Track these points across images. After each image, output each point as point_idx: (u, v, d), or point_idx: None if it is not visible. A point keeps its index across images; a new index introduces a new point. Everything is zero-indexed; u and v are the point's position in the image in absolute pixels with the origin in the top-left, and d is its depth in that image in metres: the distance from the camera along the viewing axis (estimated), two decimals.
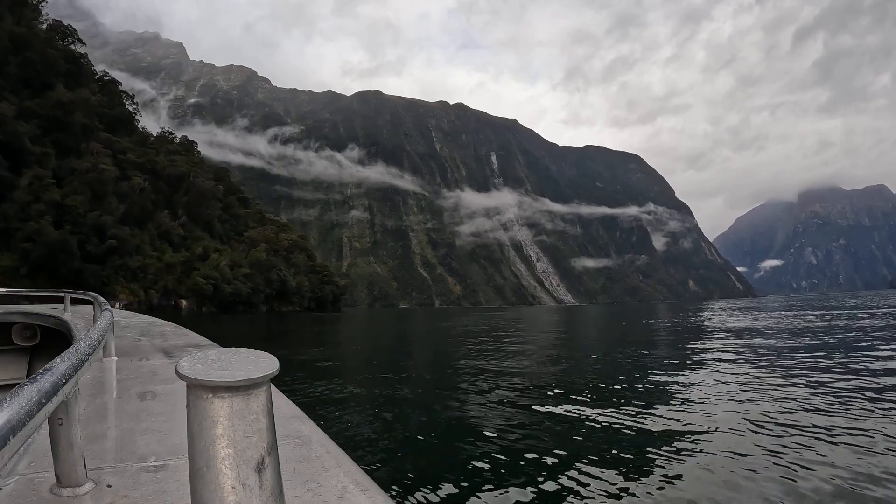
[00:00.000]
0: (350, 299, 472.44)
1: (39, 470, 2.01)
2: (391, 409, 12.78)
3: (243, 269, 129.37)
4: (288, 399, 3.10)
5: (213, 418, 1.03)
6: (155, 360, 4.65)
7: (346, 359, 26.06)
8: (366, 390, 15.55)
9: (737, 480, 7.06)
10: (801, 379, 15.11)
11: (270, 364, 1.12)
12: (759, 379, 15.41)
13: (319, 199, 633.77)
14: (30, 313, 8.42)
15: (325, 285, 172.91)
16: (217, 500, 1.02)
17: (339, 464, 2.08)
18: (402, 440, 9.99)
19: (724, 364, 19.04)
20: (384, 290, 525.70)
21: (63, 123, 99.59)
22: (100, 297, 7.16)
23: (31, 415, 1.15)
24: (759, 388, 13.84)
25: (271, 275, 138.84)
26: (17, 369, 8.45)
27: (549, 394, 13.99)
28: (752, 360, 19.96)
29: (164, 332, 7.25)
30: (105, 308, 5.35)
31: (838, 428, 9.52)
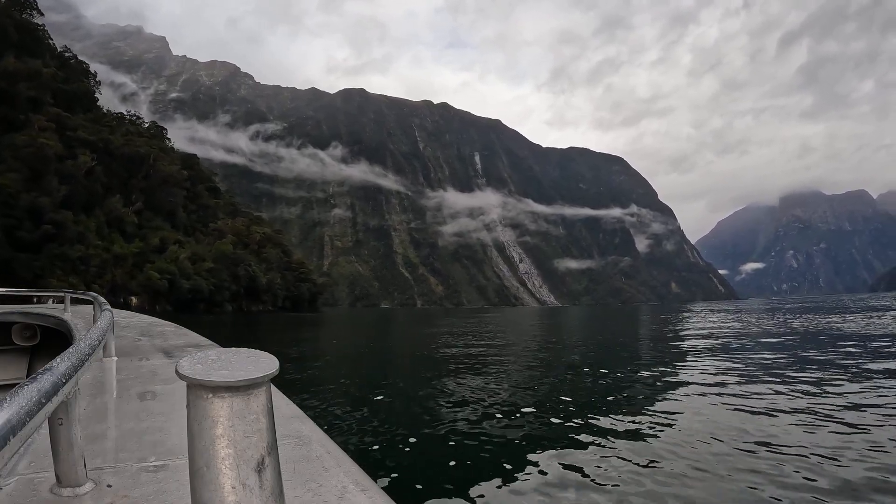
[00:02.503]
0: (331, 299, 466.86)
1: (39, 470, 2.00)
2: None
3: (207, 262, 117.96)
4: (288, 399, 3.10)
5: (213, 418, 1.03)
6: (155, 360, 4.64)
7: (307, 380, 17.93)
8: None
9: (713, 479, 7.11)
10: (780, 378, 15.31)
11: (270, 364, 1.12)
12: (740, 378, 15.47)
13: (301, 197, 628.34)
14: (30, 313, 8.45)
15: (302, 283, 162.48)
16: (217, 500, 1.02)
17: (339, 464, 2.08)
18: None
19: (711, 366, 18.78)
20: (366, 289, 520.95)
21: (5, 94, 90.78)
22: (100, 297, 7.07)
23: (31, 415, 1.15)
24: (740, 387, 14.01)
25: (238, 270, 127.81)
26: (17, 369, 8.48)
27: (541, 409, 12.41)
28: (733, 361, 19.94)
29: (164, 332, 7.26)
30: (105, 308, 5.34)
31: (825, 428, 9.60)
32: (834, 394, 12.71)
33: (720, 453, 8.13)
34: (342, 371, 20.67)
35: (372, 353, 29.76)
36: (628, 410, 11.50)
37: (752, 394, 12.78)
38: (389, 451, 8.86)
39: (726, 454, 8.06)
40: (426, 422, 11.02)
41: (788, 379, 14.95)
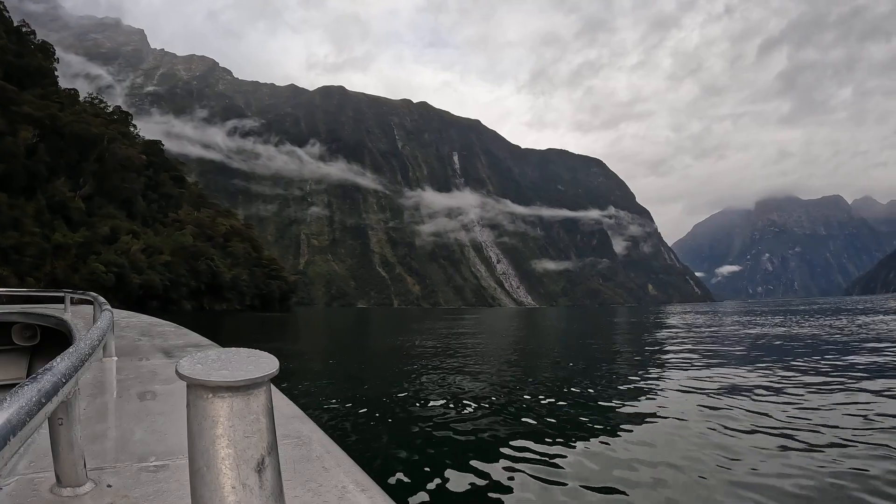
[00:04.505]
0: (307, 298, 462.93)
1: (39, 470, 2.00)
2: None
3: (163, 255, 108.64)
4: (288, 399, 3.09)
5: (213, 418, 1.03)
6: (155, 360, 4.64)
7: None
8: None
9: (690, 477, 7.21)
10: (760, 376, 15.92)
11: (271, 364, 1.12)
12: (715, 379, 15.73)
13: (278, 194, 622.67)
14: (30, 313, 8.46)
15: (272, 281, 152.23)
16: (217, 500, 1.02)
17: (339, 464, 2.08)
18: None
19: (687, 365, 19.28)
20: (342, 288, 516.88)
21: None
22: (100, 297, 7.03)
23: (32, 415, 1.15)
24: (717, 386, 14.40)
25: (199, 265, 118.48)
26: (17, 369, 8.51)
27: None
28: (711, 361, 20.29)
29: (164, 332, 7.24)
30: (105, 308, 5.33)
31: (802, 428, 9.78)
32: (807, 393, 13.08)
33: (691, 454, 8.18)
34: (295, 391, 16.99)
35: (336, 368, 23.26)
36: (607, 409, 11.78)
37: (727, 394, 13.08)
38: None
39: (697, 456, 8.09)
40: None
41: (762, 379, 15.35)
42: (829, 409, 11.12)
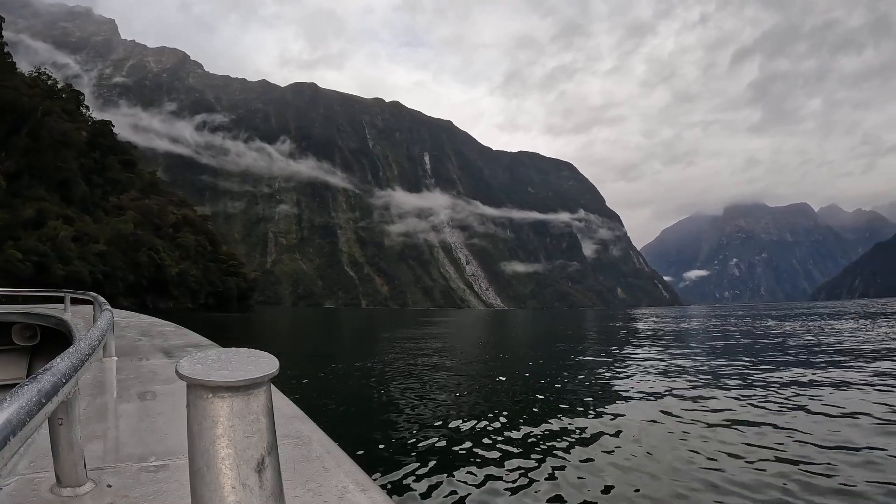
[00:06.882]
0: (273, 297, 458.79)
1: (39, 470, 2.00)
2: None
3: (98, 245, 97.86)
4: (288, 399, 3.09)
5: (214, 418, 1.03)
6: (155, 360, 4.64)
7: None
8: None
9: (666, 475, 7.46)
10: (722, 377, 16.97)
11: (271, 364, 1.12)
12: (683, 381, 16.49)
13: (247, 191, 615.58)
14: (30, 313, 8.49)
15: (229, 278, 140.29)
16: (217, 500, 1.02)
17: (339, 464, 2.08)
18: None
19: (655, 369, 19.90)
20: (309, 288, 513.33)
21: None
22: (100, 297, 7.07)
23: (31, 415, 1.15)
24: (684, 386, 15.37)
25: (139, 257, 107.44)
26: (17, 369, 8.53)
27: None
28: (680, 363, 21.15)
29: (164, 332, 7.26)
30: (105, 308, 5.34)
31: (766, 424, 10.42)
32: (777, 393, 13.77)
33: (661, 456, 8.41)
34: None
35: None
36: (578, 413, 12.13)
37: (695, 396, 13.67)
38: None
39: (666, 457, 8.32)
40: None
41: (728, 381, 16.12)
42: (795, 407, 11.85)
